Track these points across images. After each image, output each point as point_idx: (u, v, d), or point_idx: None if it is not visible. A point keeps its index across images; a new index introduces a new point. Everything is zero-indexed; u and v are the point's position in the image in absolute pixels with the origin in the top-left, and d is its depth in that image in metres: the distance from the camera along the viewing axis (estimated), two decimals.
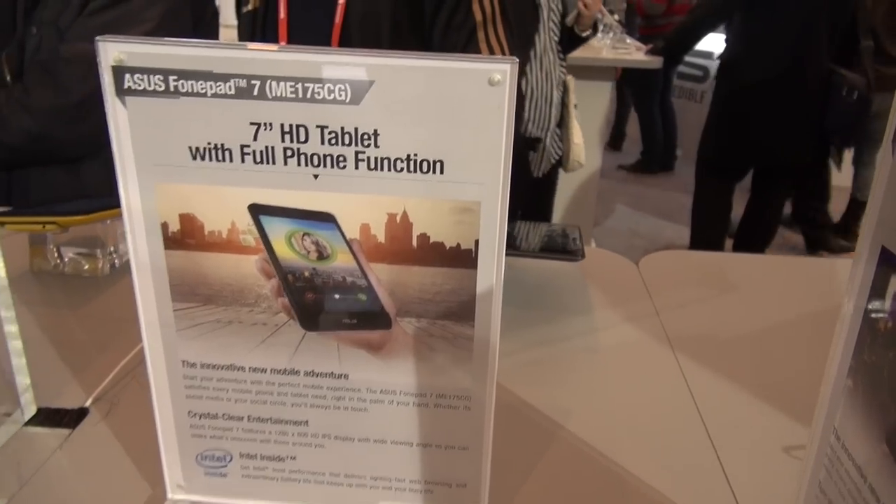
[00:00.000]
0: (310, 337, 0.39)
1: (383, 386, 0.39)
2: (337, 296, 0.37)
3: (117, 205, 0.67)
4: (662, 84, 3.72)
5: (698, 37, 2.43)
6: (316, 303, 0.38)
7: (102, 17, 1.08)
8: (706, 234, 2.47)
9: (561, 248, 0.69)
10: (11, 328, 0.51)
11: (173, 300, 0.38)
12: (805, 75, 2.01)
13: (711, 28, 2.44)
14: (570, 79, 1.66)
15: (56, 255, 0.77)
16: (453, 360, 0.38)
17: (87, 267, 0.77)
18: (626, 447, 0.52)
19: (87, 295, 0.72)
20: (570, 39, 1.67)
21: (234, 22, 1.11)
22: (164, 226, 0.37)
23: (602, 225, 3.22)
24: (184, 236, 0.37)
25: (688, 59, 3.28)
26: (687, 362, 0.63)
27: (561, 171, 1.76)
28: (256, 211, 0.36)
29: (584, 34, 1.70)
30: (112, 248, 0.78)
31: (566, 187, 2.29)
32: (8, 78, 1.12)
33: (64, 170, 1.11)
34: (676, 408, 0.57)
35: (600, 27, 2.03)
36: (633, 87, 3.85)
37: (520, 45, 1.47)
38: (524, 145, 1.53)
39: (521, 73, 1.50)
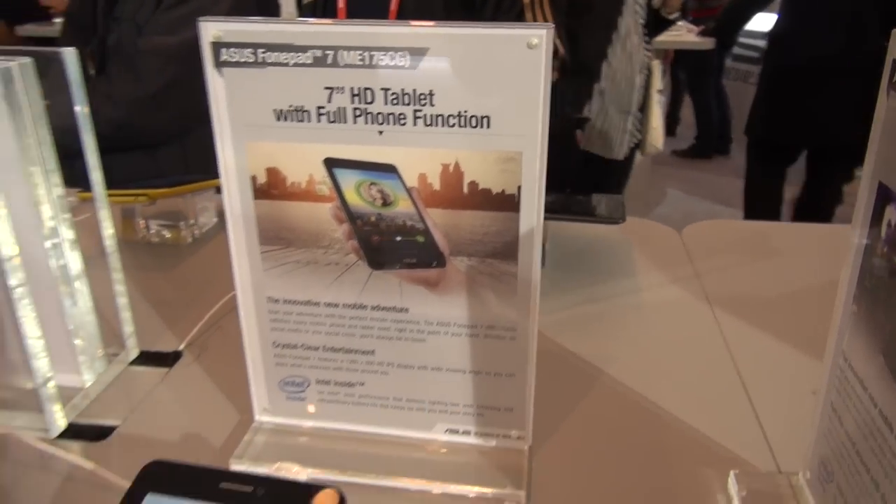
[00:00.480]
0: (375, 275, 0.45)
1: (439, 318, 0.45)
2: (399, 238, 0.43)
3: (194, 181, 0.75)
4: (716, 67, 3.68)
5: (747, 16, 2.39)
6: (381, 245, 0.44)
7: (176, 11, 1.17)
8: (758, 219, 2.45)
9: (603, 212, 0.73)
10: (119, 286, 0.59)
11: (261, 244, 0.45)
12: (859, 49, 1.97)
13: (761, 7, 2.40)
14: (656, 63, 1.59)
15: (143, 226, 0.86)
16: (499, 295, 0.44)
17: (169, 236, 0.85)
18: (664, 389, 0.56)
19: (173, 261, 0.80)
20: (656, 22, 1.60)
21: (296, 14, 1.19)
22: (253, 179, 0.43)
23: (655, 211, 3.21)
24: (269, 187, 0.43)
25: (742, 40, 3.23)
26: (724, 317, 0.67)
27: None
28: (330, 164, 0.42)
29: (672, 17, 1.63)
30: (192, 220, 0.86)
31: None
32: (92, 72, 1.22)
33: (144, 153, 1.20)
34: (712, 356, 0.61)
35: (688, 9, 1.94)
36: (686, 70, 3.81)
37: (601, 25, 1.47)
38: (605, 124, 1.51)
39: (602, 55, 1.48)
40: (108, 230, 0.57)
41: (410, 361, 0.47)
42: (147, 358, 0.60)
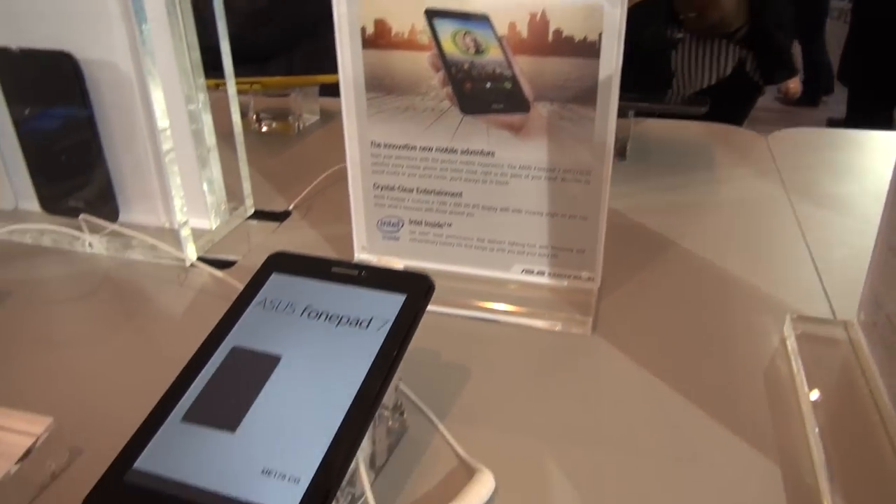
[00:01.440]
0: (466, 121, 0.50)
1: (522, 162, 0.50)
2: (488, 84, 0.48)
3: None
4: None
5: None
6: (472, 90, 0.49)
7: None
8: None
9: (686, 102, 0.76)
10: (241, 153, 0.67)
11: (367, 90, 0.51)
12: None
13: None
14: None
15: (255, 119, 0.94)
16: (577, 139, 0.48)
17: (277, 126, 0.93)
18: (734, 256, 0.59)
19: (281, 147, 0.88)
20: None
21: None
22: (363, 30, 0.49)
23: None
24: (376, 38, 0.49)
25: None
26: (799, 204, 0.69)
27: None
28: (430, 14, 0.47)
29: None
30: (298, 115, 0.94)
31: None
32: None
33: (253, 66, 1.30)
34: (785, 233, 0.64)
35: None
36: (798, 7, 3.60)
37: None
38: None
39: None
40: (235, 108, 0.66)
41: (494, 203, 0.52)
42: (261, 215, 0.69)
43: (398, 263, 0.42)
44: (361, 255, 0.57)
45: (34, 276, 0.59)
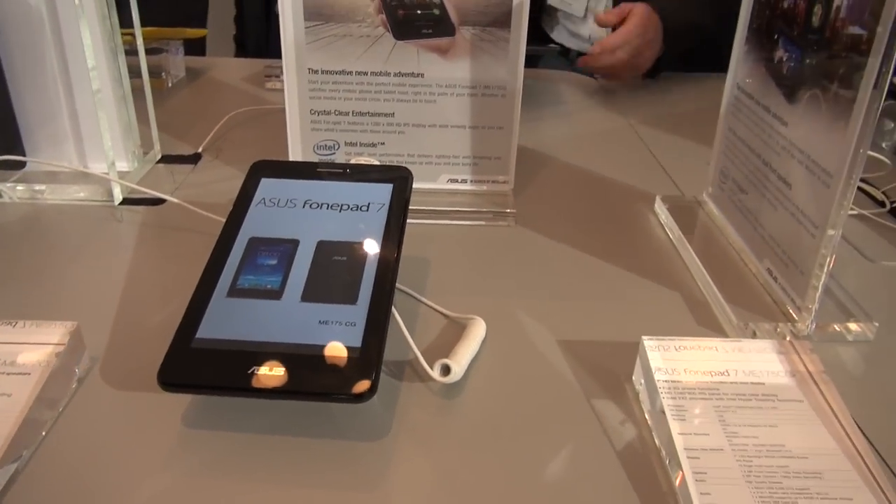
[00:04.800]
0: (399, 45, 0.57)
1: (448, 81, 0.58)
2: (419, 11, 0.55)
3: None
4: None
5: None
6: (404, 17, 0.56)
7: None
8: None
9: None
10: (149, 98, 0.67)
11: (305, 19, 0.55)
12: None
13: None
14: None
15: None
16: (495, 59, 0.57)
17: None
18: (601, 163, 0.72)
19: (159, 101, 0.87)
20: None
21: None
22: None
23: None
24: None
25: None
26: (641, 127, 0.84)
27: None
28: None
29: None
30: (168, 71, 0.93)
31: None
32: None
33: None
34: (630, 146, 0.78)
35: None
36: None
37: None
38: None
39: None
40: (142, 55, 0.66)
41: (423, 121, 0.60)
42: (171, 159, 0.70)
43: (374, 161, 0.48)
44: None
45: None
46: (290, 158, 0.61)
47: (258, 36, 1.38)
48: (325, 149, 0.61)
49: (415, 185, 0.47)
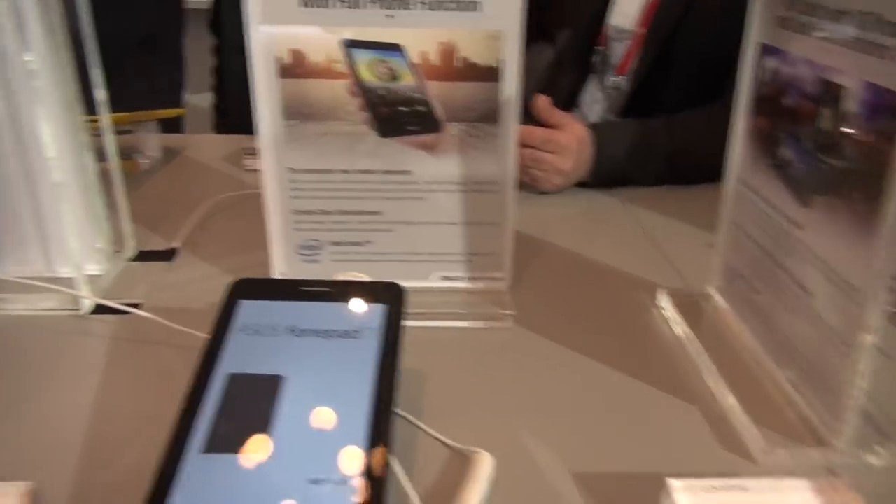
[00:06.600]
0: (383, 142, 0.54)
1: (437, 177, 0.55)
2: (404, 108, 0.53)
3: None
4: None
5: None
6: (389, 114, 0.53)
7: None
8: None
9: None
10: (120, 190, 0.64)
11: (284, 118, 0.52)
12: None
13: None
14: None
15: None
16: (485, 154, 0.54)
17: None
18: (598, 250, 0.70)
19: (132, 186, 0.84)
20: None
21: None
22: (278, 59, 0.51)
23: None
24: (293, 66, 0.51)
25: None
26: (634, 207, 0.81)
27: None
28: (347, 45, 0.50)
29: None
30: (142, 152, 0.90)
31: None
32: None
33: None
34: (626, 229, 0.75)
35: None
36: None
37: None
38: None
39: None
40: (110, 141, 0.62)
41: (412, 218, 0.56)
42: (146, 255, 0.66)
43: (363, 276, 0.45)
44: None
45: None
46: (272, 259, 0.57)
47: (241, 104, 1.36)
48: (308, 249, 0.57)
49: (407, 284, 0.43)
